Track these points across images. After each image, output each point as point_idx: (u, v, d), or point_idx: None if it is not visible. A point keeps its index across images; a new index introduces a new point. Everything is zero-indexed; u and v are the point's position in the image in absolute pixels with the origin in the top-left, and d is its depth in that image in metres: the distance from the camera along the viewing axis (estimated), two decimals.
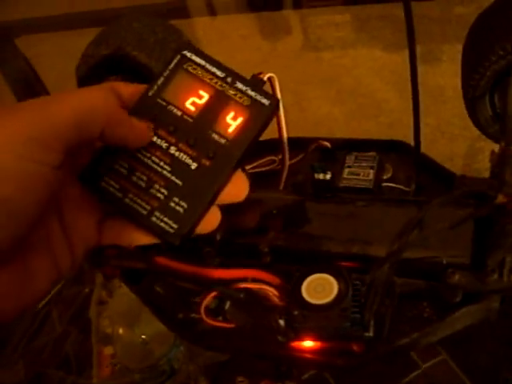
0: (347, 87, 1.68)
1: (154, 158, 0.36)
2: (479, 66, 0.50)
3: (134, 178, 0.36)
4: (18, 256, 0.32)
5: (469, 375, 1.04)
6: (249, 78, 0.39)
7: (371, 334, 0.43)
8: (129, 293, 0.99)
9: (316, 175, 0.56)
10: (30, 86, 1.10)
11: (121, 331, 0.99)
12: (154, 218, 0.36)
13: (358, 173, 0.56)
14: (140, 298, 0.55)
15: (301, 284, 0.44)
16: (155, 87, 0.37)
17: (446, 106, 1.47)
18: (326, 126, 1.55)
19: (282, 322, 0.44)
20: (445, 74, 1.55)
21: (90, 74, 0.64)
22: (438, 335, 0.45)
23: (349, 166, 0.57)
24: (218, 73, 0.37)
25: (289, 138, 0.55)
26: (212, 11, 1.96)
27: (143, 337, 0.99)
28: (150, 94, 0.37)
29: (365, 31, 1.89)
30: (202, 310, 0.48)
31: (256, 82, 0.38)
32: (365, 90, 1.64)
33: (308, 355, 0.45)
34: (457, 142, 1.39)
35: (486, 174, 0.50)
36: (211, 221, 0.37)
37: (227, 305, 0.50)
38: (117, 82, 0.38)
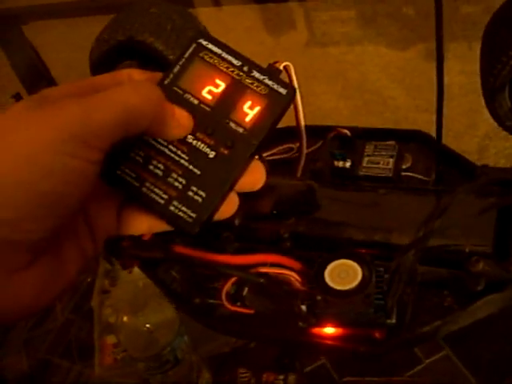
0: (353, 83, 1.68)
1: (170, 146, 0.36)
2: (502, 55, 0.50)
3: (151, 167, 0.36)
4: (51, 247, 0.32)
5: (472, 371, 1.04)
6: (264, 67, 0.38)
7: (394, 320, 0.43)
8: (134, 280, 0.99)
9: (336, 163, 0.56)
10: (36, 74, 1.09)
11: (125, 319, 0.99)
12: (171, 208, 0.35)
13: (378, 161, 0.56)
14: (156, 284, 0.55)
15: (324, 269, 0.44)
16: (171, 75, 0.36)
17: (452, 103, 1.47)
18: (332, 120, 1.55)
19: (303, 308, 0.44)
20: (451, 72, 1.55)
21: (105, 58, 0.64)
22: (460, 323, 0.45)
23: (368, 155, 0.57)
24: (235, 61, 0.37)
25: (307, 126, 0.55)
26: (216, 2, 1.95)
27: (147, 325, 0.99)
28: (166, 82, 0.36)
29: (371, 28, 1.89)
30: (224, 296, 0.47)
31: (272, 71, 0.38)
32: (371, 86, 1.64)
33: (329, 341, 0.45)
34: (462, 140, 1.40)
35: None
36: (229, 207, 0.37)
37: (245, 290, 0.49)
38: (132, 68, 0.37)
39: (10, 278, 0.30)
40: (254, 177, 0.37)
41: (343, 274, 0.43)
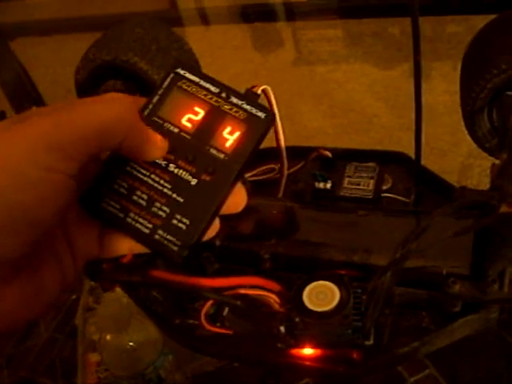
0: (339, 102, 1.69)
1: (153, 176, 0.36)
2: (480, 78, 0.51)
3: (135, 197, 0.36)
4: (29, 267, 0.32)
5: None
6: (243, 91, 0.39)
7: (371, 341, 0.43)
8: (118, 299, 0.99)
9: (317, 184, 0.57)
10: (23, 89, 1.09)
11: (108, 337, 0.98)
12: (157, 236, 0.36)
13: (358, 183, 0.57)
14: (136, 304, 0.55)
15: (302, 291, 0.44)
16: (150, 106, 0.37)
17: (436, 122, 1.48)
18: (317, 139, 1.56)
19: (282, 329, 0.44)
20: (435, 91, 1.57)
21: (90, 77, 0.64)
22: (437, 344, 0.45)
23: (349, 176, 0.58)
24: (212, 88, 0.37)
25: (288, 147, 0.56)
26: (205, 21, 1.97)
27: (131, 344, 0.98)
28: (146, 112, 0.37)
29: (357, 47, 1.91)
30: (203, 317, 0.47)
31: (250, 96, 0.38)
32: (356, 104, 1.65)
33: (307, 362, 0.45)
34: (446, 158, 1.41)
35: None
36: (210, 230, 0.38)
37: (225, 311, 0.49)
38: (116, 93, 0.38)
39: None
40: (236, 200, 0.38)
41: (321, 295, 0.44)
